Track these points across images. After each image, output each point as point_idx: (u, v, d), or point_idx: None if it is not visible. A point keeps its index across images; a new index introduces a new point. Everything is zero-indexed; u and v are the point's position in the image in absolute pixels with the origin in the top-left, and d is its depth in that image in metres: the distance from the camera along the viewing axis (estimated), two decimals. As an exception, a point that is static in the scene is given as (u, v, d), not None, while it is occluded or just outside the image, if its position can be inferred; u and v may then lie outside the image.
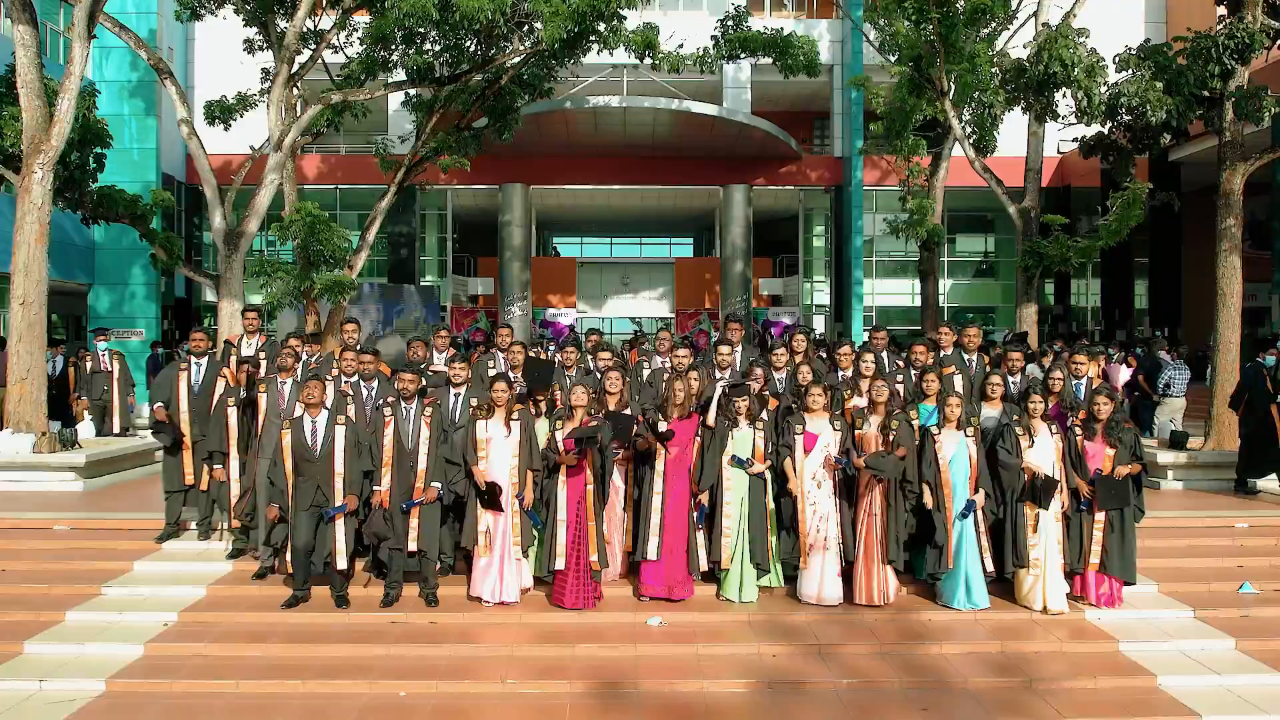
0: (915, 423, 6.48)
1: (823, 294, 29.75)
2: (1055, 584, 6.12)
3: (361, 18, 16.44)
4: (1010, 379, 7.33)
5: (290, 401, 6.71)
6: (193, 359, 7.67)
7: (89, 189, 13.13)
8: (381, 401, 6.40)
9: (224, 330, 14.35)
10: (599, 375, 7.13)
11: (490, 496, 6.02)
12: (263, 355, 7.89)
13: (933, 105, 16.30)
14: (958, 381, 7.29)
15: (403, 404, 6.23)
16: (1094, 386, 6.83)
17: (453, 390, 6.71)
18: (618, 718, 4.94)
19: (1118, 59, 10.38)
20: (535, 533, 6.35)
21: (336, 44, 16.68)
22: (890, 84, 18.64)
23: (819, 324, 29.84)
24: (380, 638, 5.85)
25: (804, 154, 27.24)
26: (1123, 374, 12.44)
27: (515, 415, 6.26)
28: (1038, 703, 5.08)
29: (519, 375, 7.31)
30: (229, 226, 14.35)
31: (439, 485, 6.09)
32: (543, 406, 6.76)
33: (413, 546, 6.15)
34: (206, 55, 24.98)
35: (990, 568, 6.26)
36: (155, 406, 7.41)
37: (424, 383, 6.60)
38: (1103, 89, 10.23)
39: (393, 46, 15.59)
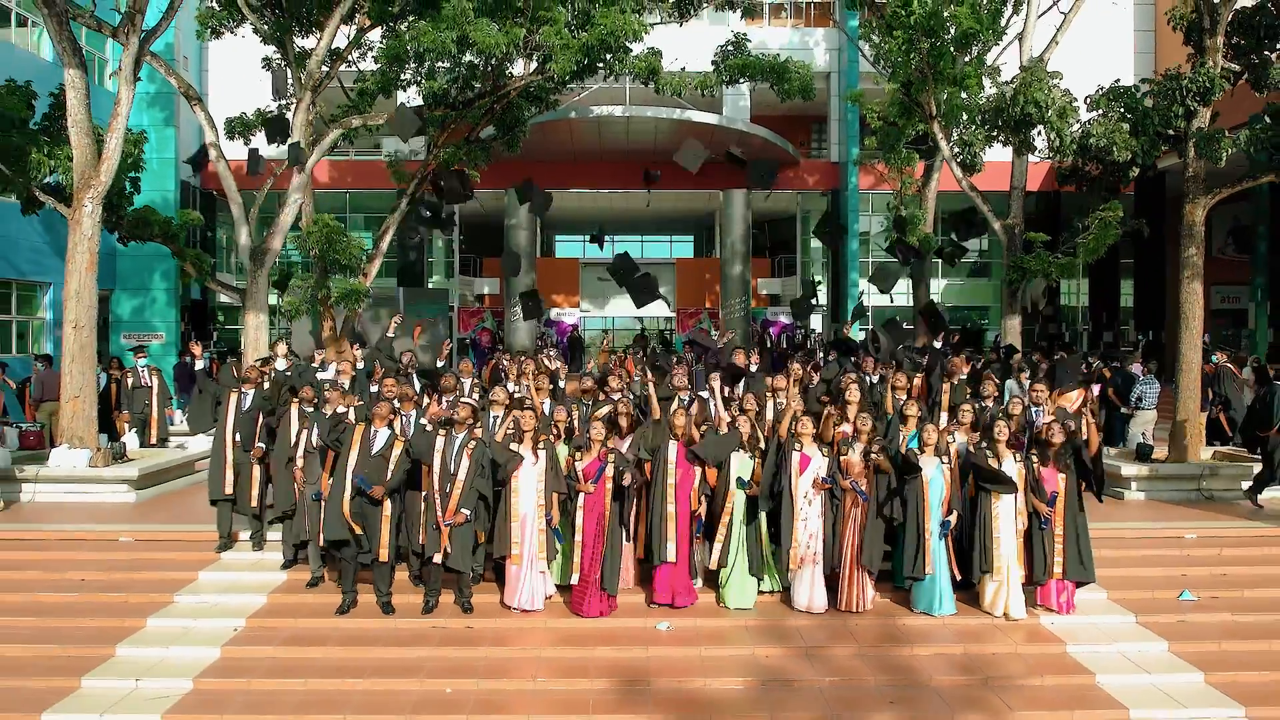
0: (899, 448, 7.33)
1: (820, 294, 30.53)
2: (1016, 593, 6.99)
3: (374, 31, 17.20)
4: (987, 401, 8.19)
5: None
6: (244, 388, 8.48)
7: (126, 212, 13.93)
8: (431, 427, 7.22)
9: (249, 340, 15.21)
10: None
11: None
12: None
13: (924, 123, 17.08)
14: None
15: (452, 432, 7.05)
16: (1051, 416, 7.67)
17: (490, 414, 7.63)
18: (633, 711, 5.81)
19: (1089, 99, 11.18)
20: (558, 547, 7.21)
21: (351, 60, 17.40)
22: (884, 96, 19.41)
23: (816, 323, 30.65)
24: (424, 641, 6.71)
25: (801, 159, 27.99)
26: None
27: (540, 444, 7.11)
28: (992, 698, 5.95)
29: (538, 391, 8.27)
30: (254, 243, 15.16)
31: (468, 511, 6.91)
32: (563, 431, 7.64)
33: (438, 558, 6.97)
34: (220, 64, 25.67)
35: (959, 575, 7.13)
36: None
37: (469, 414, 7.32)
38: (1074, 128, 11.02)
39: (406, 65, 16.38)
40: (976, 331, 25.02)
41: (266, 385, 8.78)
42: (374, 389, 8.87)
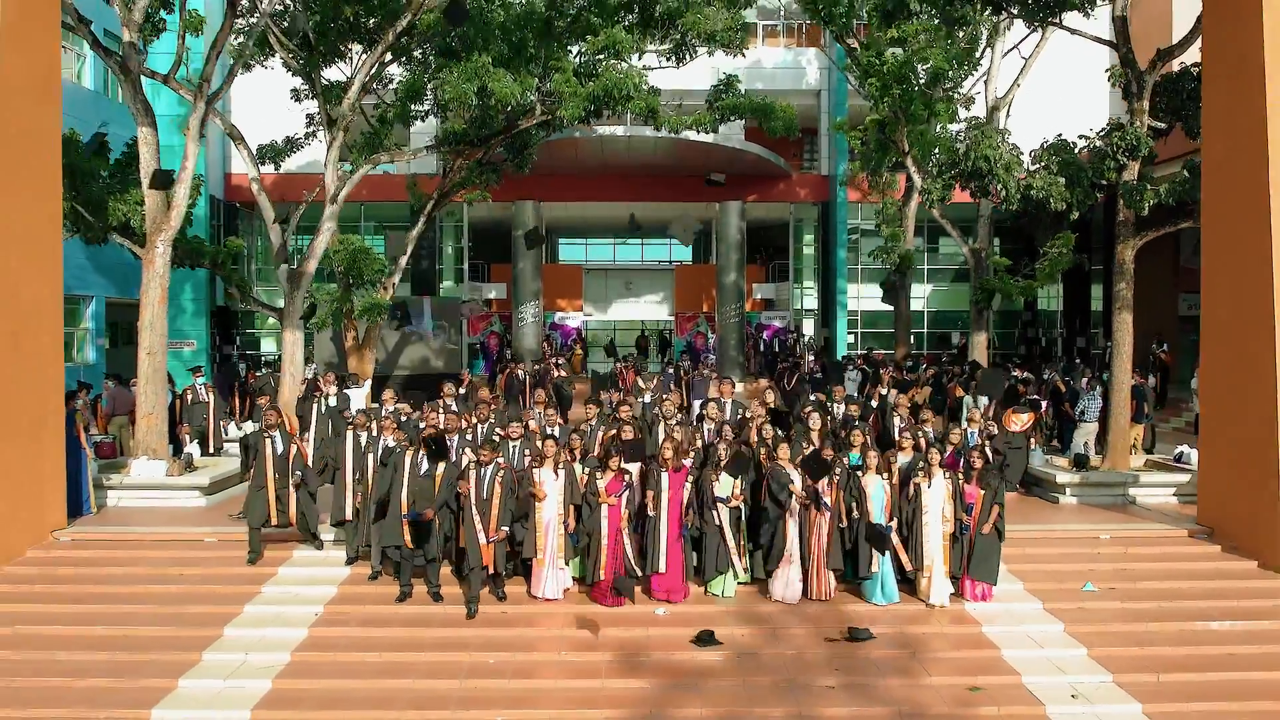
0: (846, 468, 8.99)
1: (812, 298, 32.16)
2: (939, 584, 8.65)
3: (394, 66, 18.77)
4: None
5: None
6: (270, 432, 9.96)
7: (181, 241, 15.52)
8: (468, 463, 8.84)
9: (287, 354, 16.82)
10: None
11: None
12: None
13: (899, 157, 18.69)
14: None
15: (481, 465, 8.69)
16: (977, 443, 9.32)
17: (510, 443, 9.29)
18: (636, 677, 7.48)
19: (1032, 153, 12.79)
20: (573, 548, 8.87)
21: (374, 90, 18.95)
22: (871, 114, 21.03)
23: (808, 328, 32.29)
24: (469, 623, 8.38)
25: (793, 172, 29.53)
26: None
27: (560, 465, 8.76)
28: (915, 666, 7.62)
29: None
30: (291, 267, 16.78)
31: (506, 529, 8.52)
32: (578, 453, 9.28)
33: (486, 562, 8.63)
34: (242, 86, 27.16)
35: (908, 567, 8.78)
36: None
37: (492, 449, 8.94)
38: (1019, 178, 12.61)
39: (424, 98, 17.99)
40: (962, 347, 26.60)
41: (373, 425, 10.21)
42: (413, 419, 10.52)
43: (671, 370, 18.56)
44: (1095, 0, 12.04)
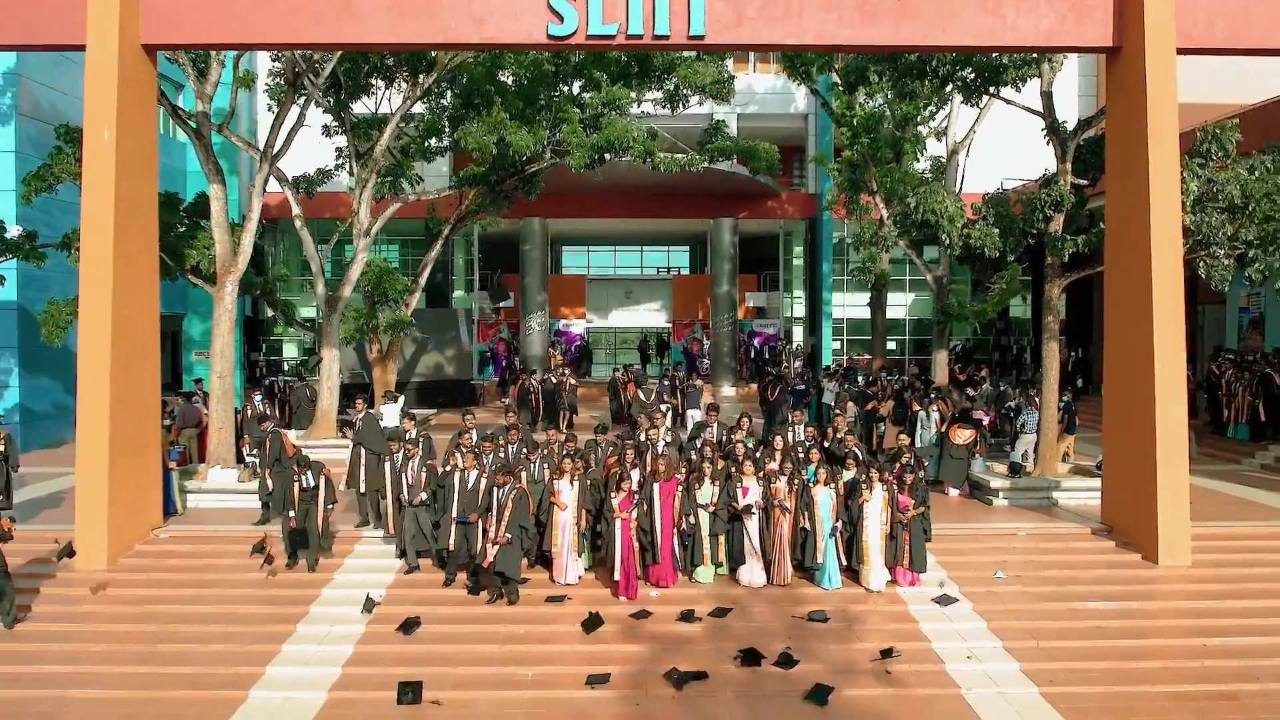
0: (804, 480, 11.21)
1: (802, 307, 34.37)
2: (877, 574, 10.86)
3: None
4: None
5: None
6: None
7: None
8: (495, 485, 10.97)
9: (325, 370, 19.00)
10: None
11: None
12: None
13: (869, 194, 20.86)
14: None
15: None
16: (909, 459, 11.54)
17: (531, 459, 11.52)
18: (633, 640, 9.70)
19: (973, 206, 14.96)
20: (585, 544, 11.09)
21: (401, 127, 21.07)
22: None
23: (797, 334, 34.51)
24: (504, 603, 10.60)
25: (782, 190, 31.67)
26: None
27: (575, 477, 10.97)
28: (848, 632, 9.85)
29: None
30: (327, 292, 18.97)
31: (509, 535, 10.62)
32: (590, 467, 11.49)
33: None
34: (268, 116, 29.28)
35: (845, 561, 10.99)
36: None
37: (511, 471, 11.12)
38: (961, 226, 14.75)
39: (442, 134, 20.14)
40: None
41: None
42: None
43: (668, 381, 20.72)
44: (1024, 80, 14.14)
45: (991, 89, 14.61)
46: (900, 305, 32.70)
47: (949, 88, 15.57)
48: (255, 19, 12.13)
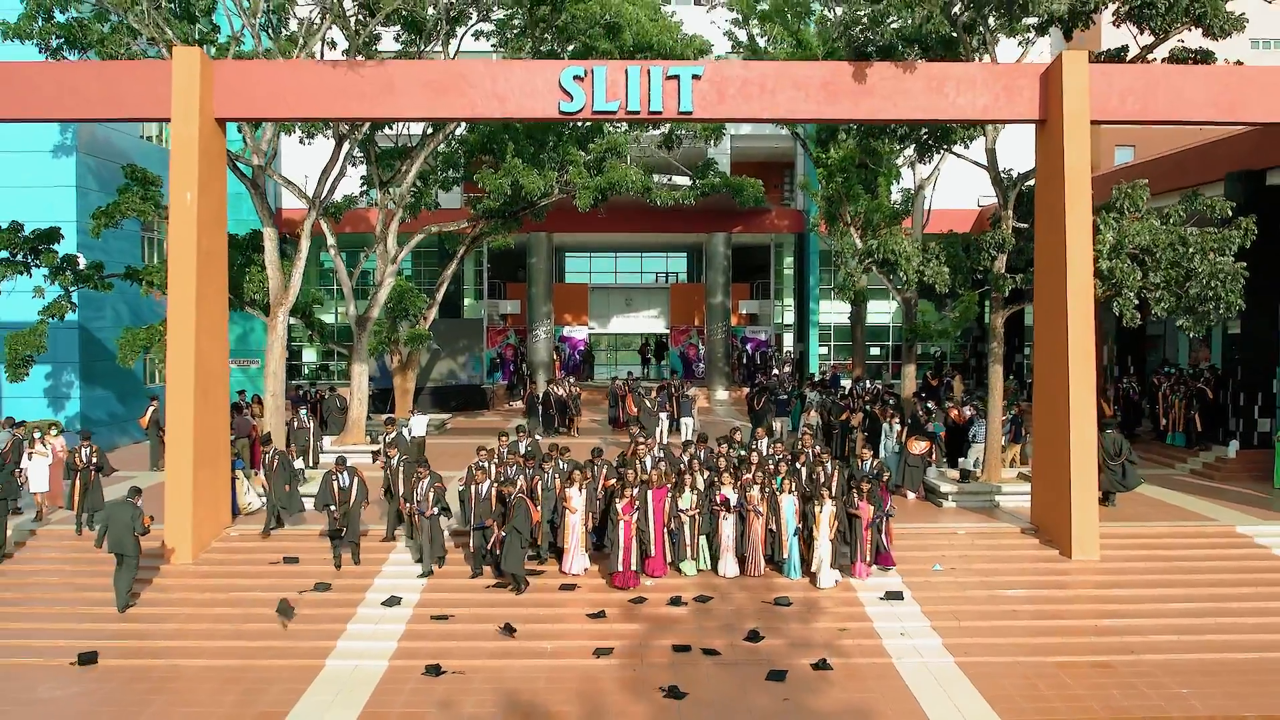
0: (772, 489, 13.48)
1: (791, 314, 36.58)
2: (826, 574, 13.08)
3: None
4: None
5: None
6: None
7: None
8: (504, 492, 13.23)
9: (354, 383, 21.21)
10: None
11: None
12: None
13: (844, 225, 23.05)
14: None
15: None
16: (871, 468, 13.83)
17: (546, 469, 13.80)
18: (631, 620, 11.97)
19: (930, 244, 17.17)
20: (591, 541, 13.37)
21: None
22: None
23: (788, 341, 36.73)
24: (525, 591, 12.87)
25: (773, 207, 33.82)
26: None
27: (583, 484, 13.24)
28: (810, 616, 12.12)
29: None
30: (358, 313, 21.19)
31: (504, 534, 12.85)
32: (596, 474, 13.74)
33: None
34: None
35: (806, 557, 13.26)
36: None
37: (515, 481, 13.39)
38: (916, 265, 16.94)
39: (459, 166, 22.32)
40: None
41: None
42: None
43: (664, 393, 22.97)
44: (971, 139, 16.31)
45: (944, 147, 16.78)
46: (884, 313, 34.94)
47: (906, 144, 17.74)
48: (312, 96, 14.32)
